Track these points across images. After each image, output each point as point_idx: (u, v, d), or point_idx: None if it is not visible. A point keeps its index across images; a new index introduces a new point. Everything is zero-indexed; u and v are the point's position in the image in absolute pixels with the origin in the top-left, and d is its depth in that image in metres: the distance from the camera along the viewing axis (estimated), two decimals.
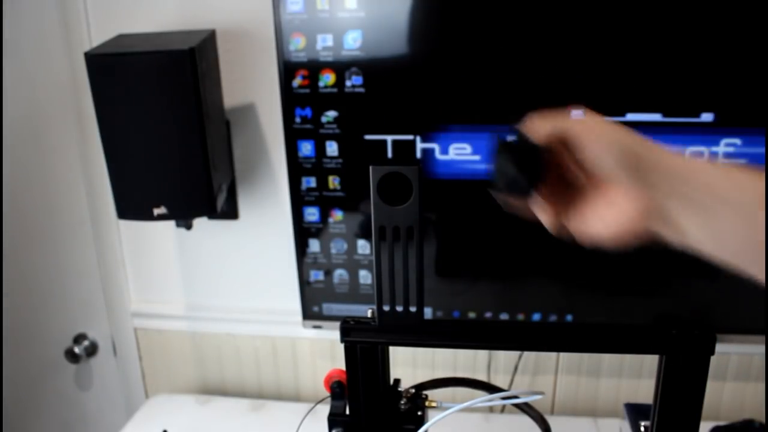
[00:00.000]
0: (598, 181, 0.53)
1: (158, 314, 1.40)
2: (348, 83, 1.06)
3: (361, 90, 1.07)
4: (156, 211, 1.05)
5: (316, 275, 1.20)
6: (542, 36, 1.01)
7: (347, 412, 0.70)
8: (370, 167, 0.58)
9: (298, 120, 1.10)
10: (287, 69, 1.07)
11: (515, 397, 0.70)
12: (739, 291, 1.11)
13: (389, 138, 1.09)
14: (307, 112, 1.09)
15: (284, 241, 1.26)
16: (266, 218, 1.29)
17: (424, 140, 1.08)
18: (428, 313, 1.18)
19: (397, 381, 0.72)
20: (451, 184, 1.10)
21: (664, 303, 1.07)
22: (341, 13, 1.03)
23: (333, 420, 0.70)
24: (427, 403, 0.71)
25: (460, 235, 1.15)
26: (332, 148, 1.11)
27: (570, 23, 1.00)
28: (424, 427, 0.69)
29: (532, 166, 0.52)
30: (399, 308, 0.63)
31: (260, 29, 1.14)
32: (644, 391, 1.27)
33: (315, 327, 1.24)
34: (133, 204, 1.06)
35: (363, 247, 1.16)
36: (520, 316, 1.17)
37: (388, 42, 1.04)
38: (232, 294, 1.37)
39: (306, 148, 1.12)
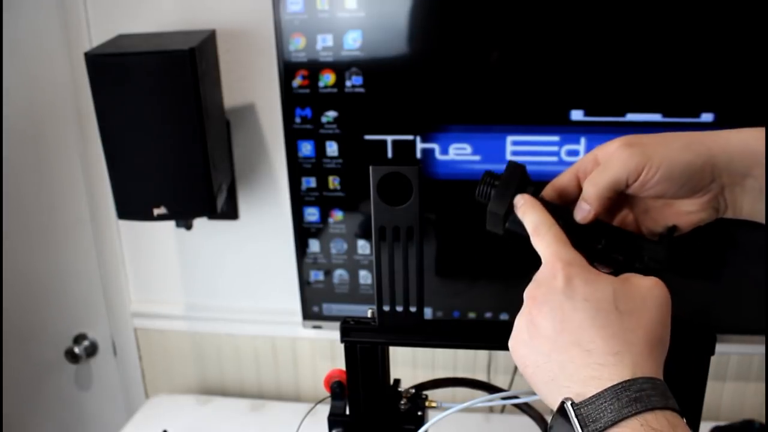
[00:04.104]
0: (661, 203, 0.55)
1: (158, 314, 1.40)
2: (348, 83, 1.06)
3: (361, 90, 1.07)
4: (156, 211, 1.05)
5: (316, 275, 1.20)
6: (542, 36, 1.01)
7: (347, 412, 0.70)
8: (370, 167, 0.58)
9: (298, 120, 1.10)
10: (287, 69, 1.07)
11: (515, 397, 0.70)
12: (739, 291, 1.11)
13: (389, 138, 1.09)
14: (307, 112, 1.09)
15: (284, 241, 1.26)
16: (266, 218, 1.29)
17: (424, 140, 1.08)
18: (428, 313, 1.18)
19: (397, 381, 0.72)
20: (451, 184, 1.10)
21: None
22: (341, 13, 1.03)
23: (333, 420, 0.70)
24: (427, 403, 0.71)
25: (460, 235, 1.15)
26: (332, 148, 1.11)
27: (570, 23, 1.00)
28: (424, 427, 0.69)
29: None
30: (399, 308, 0.63)
31: (260, 29, 1.14)
32: None
33: (315, 327, 1.24)
34: (133, 204, 1.06)
35: (363, 247, 1.16)
36: None
37: (388, 42, 1.04)
38: (232, 294, 1.37)
39: (306, 148, 1.12)
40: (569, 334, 0.45)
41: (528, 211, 0.54)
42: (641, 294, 0.47)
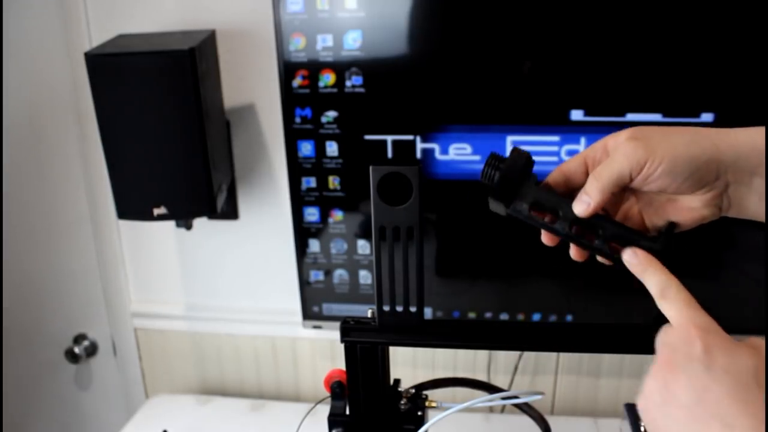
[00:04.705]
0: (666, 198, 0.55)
1: (158, 314, 1.40)
2: (348, 83, 1.06)
3: (361, 90, 1.07)
4: (156, 211, 1.05)
5: (316, 275, 1.20)
6: (542, 36, 1.01)
7: (347, 412, 0.70)
8: (370, 167, 0.58)
9: (298, 120, 1.10)
10: (287, 69, 1.07)
11: (515, 397, 0.70)
12: (739, 291, 1.11)
13: (389, 138, 1.09)
14: (307, 112, 1.09)
15: (284, 241, 1.26)
16: (266, 218, 1.29)
17: (424, 140, 1.08)
18: (428, 313, 1.18)
19: (397, 381, 0.72)
20: (451, 184, 1.10)
21: None
22: (341, 13, 1.03)
23: (333, 420, 0.70)
24: (427, 403, 0.71)
25: (460, 235, 1.15)
26: (332, 148, 1.11)
27: (570, 23, 1.00)
28: (424, 427, 0.69)
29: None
30: (399, 308, 0.63)
31: (260, 29, 1.14)
32: None
33: (315, 327, 1.24)
34: (133, 204, 1.06)
35: (363, 247, 1.16)
36: (520, 316, 1.17)
37: (388, 42, 1.04)
38: (232, 294, 1.37)
39: (306, 148, 1.12)
40: (708, 406, 0.44)
41: (649, 271, 0.52)
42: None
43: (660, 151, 0.51)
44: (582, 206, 0.53)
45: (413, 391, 0.72)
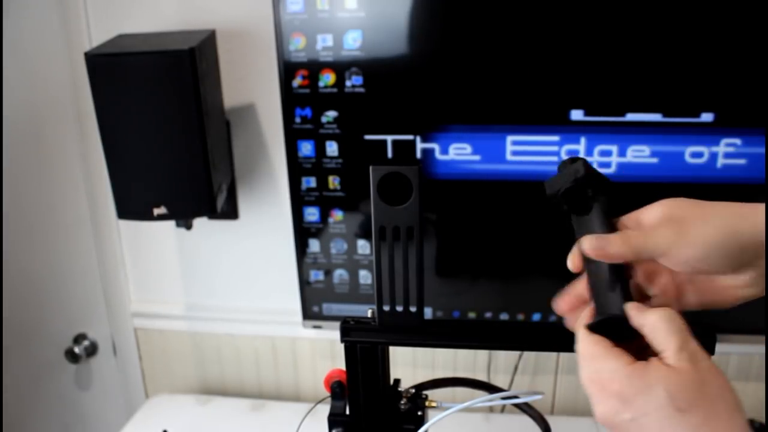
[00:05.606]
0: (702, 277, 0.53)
1: (158, 314, 1.40)
2: (348, 83, 1.06)
3: (361, 90, 1.07)
4: (156, 211, 1.05)
5: (316, 275, 1.20)
6: (542, 36, 1.01)
7: (347, 412, 0.70)
8: (370, 167, 0.58)
9: (298, 120, 1.10)
10: (287, 69, 1.07)
11: (515, 397, 0.70)
12: None
13: (389, 138, 1.09)
14: (307, 112, 1.09)
15: (284, 241, 1.26)
16: (266, 218, 1.29)
17: (424, 140, 1.08)
18: (428, 313, 1.18)
19: (397, 381, 0.72)
20: (451, 184, 1.10)
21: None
22: (341, 13, 1.03)
23: (333, 420, 0.70)
24: (427, 403, 0.71)
25: (460, 235, 1.15)
26: (332, 148, 1.11)
27: (570, 23, 1.00)
28: (424, 427, 0.69)
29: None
30: (399, 308, 0.63)
31: (260, 29, 1.14)
32: None
33: (315, 327, 1.24)
34: (133, 204, 1.06)
35: (363, 247, 1.16)
36: (520, 316, 1.17)
37: (388, 42, 1.04)
38: (232, 294, 1.37)
39: (306, 148, 1.12)
40: None
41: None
42: (694, 378, 0.45)
43: (692, 237, 0.49)
44: (591, 248, 0.53)
45: (413, 391, 0.72)
